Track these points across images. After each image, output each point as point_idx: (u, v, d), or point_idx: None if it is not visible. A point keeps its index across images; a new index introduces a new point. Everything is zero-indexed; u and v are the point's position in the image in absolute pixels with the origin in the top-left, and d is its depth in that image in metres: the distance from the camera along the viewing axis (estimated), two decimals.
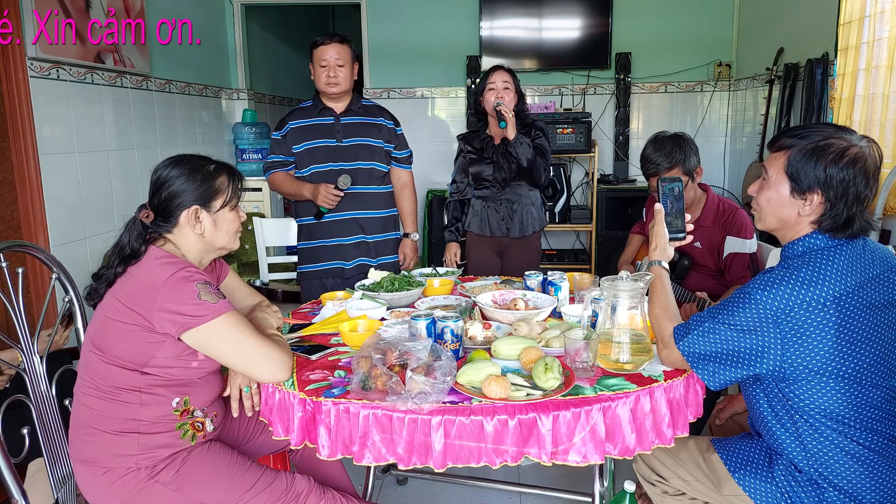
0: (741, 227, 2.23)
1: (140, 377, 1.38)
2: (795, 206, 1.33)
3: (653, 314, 1.48)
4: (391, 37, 4.86)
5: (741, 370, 1.30)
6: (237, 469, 1.44)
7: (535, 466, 2.38)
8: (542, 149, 2.67)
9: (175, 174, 1.46)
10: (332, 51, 2.47)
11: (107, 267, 1.43)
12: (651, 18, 4.70)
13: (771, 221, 1.39)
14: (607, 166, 4.88)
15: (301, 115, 2.60)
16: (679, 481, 1.51)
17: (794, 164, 1.31)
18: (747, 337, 1.27)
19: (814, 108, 3.29)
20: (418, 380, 1.27)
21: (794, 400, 1.30)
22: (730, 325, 1.29)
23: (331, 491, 1.51)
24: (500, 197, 2.72)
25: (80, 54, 3.03)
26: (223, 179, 1.50)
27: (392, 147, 2.66)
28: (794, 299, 1.24)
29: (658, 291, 1.50)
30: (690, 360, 1.34)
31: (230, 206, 1.51)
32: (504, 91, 2.61)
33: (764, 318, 1.25)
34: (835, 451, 1.29)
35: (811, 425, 1.30)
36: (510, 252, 2.78)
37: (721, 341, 1.30)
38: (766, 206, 1.39)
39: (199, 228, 1.47)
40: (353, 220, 2.59)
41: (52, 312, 2.68)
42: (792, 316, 1.24)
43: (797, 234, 1.35)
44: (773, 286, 1.26)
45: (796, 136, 1.33)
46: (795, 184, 1.31)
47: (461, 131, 3.73)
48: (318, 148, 2.56)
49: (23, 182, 2.76)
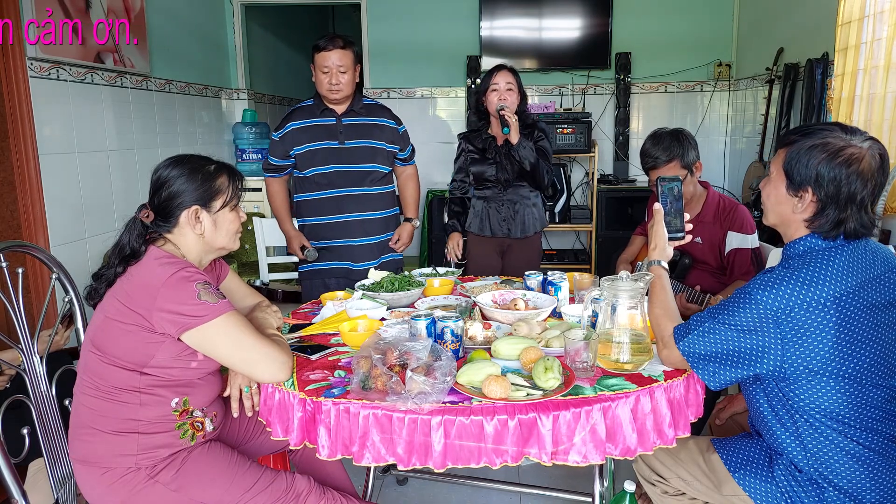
0: (742, 223, 2.23)
1: (139, 377, 1.38)
2: (790, 203, 1.33)
3: (653, 314, 1.48)
4: (391, 37, 4.86)
5: (741, 370, 1.30)
6: (237, 469, 1.44)
7: (535, 466, 2.38)
8: (544, 151, 2.67)
9: (175, 174, 1.46)
10: (334, 57, 2.43)
11: (107, 267, 1.43)
12: (651, 18, 4.70)
13: (772, 217, 1.41)
14: (607, 166, 4.88)
15: (302, 115, 2.57)
16: (679, 481, 1.51)
17: (790, 161, 1.32)
18: (747, 337, 1.27)
19: (814, 109, 3.29)
20: (418, 380, 1.27)
21: (794, 400, 1.30)
22: (730, 326, 1.29)
23: (331, 491, 1.51)
24: (501, 197, 2.72)
25: (80, 54, 3.03)
26: (223, 180, 1.50)
27: (397, 148, 2.65)
28: (795, 299, 1.24)
29: (658, 291, 1.50)
30: (690, 361, 1.34)
31: (230, 206, 1.51)
32: (507, 92, 2.60)
33: (764, 319, 1.25)
34: (835, 450, 1.29)
35: (811, 425, 1.30)
36: (511, 252, 2.78)
37: (721, 341, 1.30)
38: (767, 201, 1.40)
39: (199, 228, 1.47)
40: (359, 221, 2.58)
41: (52, 312, 2.68)
42: (792, 316, 1.24)
43: (795, 232, 1.35)
44: (773, 286, 1.26)
45: (800, 134, 1.33)
46: (790, 181, 1.32)
47: (461, 131, 3.73)
48: (320, 150, 2.53)
49: (23, 182, 2.76)
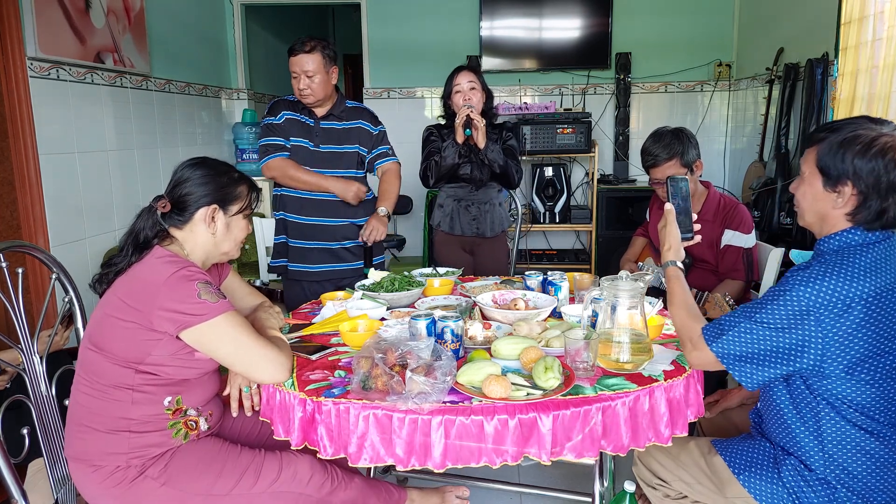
0: (740, 222, 2.24)
1: (134, 375, 1.38)
2: (829, 199, 1.32)
3: (677, 316, 1.46)
4: (391, 37, 4.86)
5: (780, 368, 1.28)
6: (227, 456, 1.45)
7: (535, 466, 2.38)
8: (512, 150, 2.68)
9: (201, 172, 1.50)
10: (301, 61, 2.38)
11: (122, 256, 1.43)
12: (651, 18, 4.70)
13: (809, 217, 1.39)
14: (607, 166, 4.88)
15: (290, 107, 2.55)
16: (681, 484, 1.51)
17: (823, 158, 1.31)
18: (786, 334, 1.26)
19: (814, 108, 3.29)
20: (418, 380, 1.27)
21: (824, 396, 1.29)
22: (767, 325, 1.27)
23: (334, 468, 1.51)
24: (472, 197, 2.72)
25: (80, 54, 3.03)
26: (244, 188, 1.56)
27: (366, 151, 2.58)
28: (836, 294, 1.23)
29: (678, 292, 1.49)
30: (726, 361, 1.32)
31: (244, 214, 1.56)
32: (470, 91, 2.60)
33: (805, 314, 1.24)
34: (854, 451, 1.29)
35: (835, 423, 1.30)
36: (482, 251, 2.81)
37: (758, 340, 1.28)
38: (803, 201, 1.39)
39: (212, 228, 1.49)
40: (322, 226, 2.55)
41: (52, 312, 2.67)
42: (832, 311, 1.23)
43: (833, 228, 1.34)
44: (812, 282, 1.24)
45: (828, 130, 1.33)
46: (826, 177, 1.31)
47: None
48: (297, 147, 2.51)
49: (22, 182, 2.76)
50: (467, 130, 2.51)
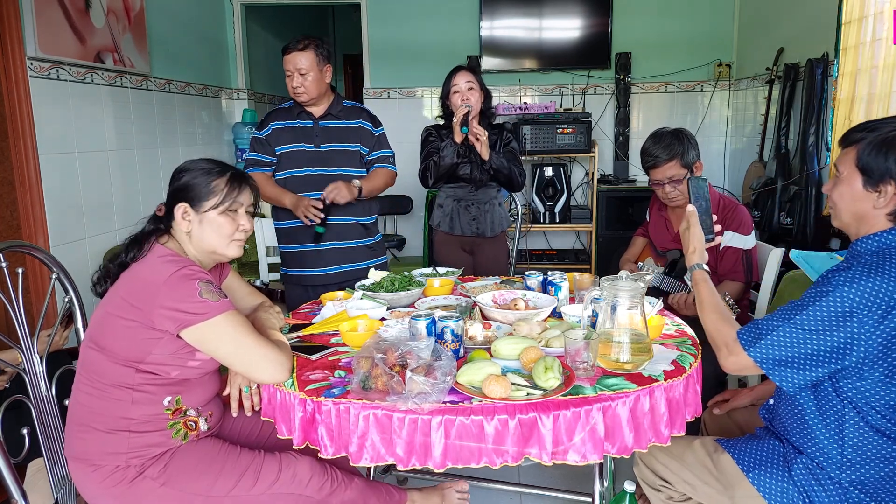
0: (740, 223, 2.23)
1: (135, 374, 1.38)
2: (869, 199, 1.31)
3: (709, 319, 1.44)
4: (391, 37, 4.86)
5: (822, 369, 1.27)
6: (227, 457, 1.45)
7: (535, 466, 2.38)
8: (513, 153, 2.68)
9: (184, 173, 1.51)
10: (294, 59, 2.39)
11: (125, 252, 1.46)
12: (651, 18, 4.70)
13: (846, 217, 1.37)
14: (607, 166, 4.88)
15: (282, 116, 2.54)
16: (685, 485, 1.49)
17: (863, 158, 1.30)
18: (828, 336, 1.24)
19: (814, 109, 3.29)
20: (418, 380, 1.27)
21: (851, 399, 1.28)
22: (808, 329, 1.25)
23: (334, 470, 1.51)
24: (472, 197, 2.72)
25: (80, 54, 3.03)
26: (219, 182, 1.50)
27: (367, 150, 2.58)
28: (880, 295, 1.21)
29: (707, 295, 1.47)
30: (765, 367, 1.30)
31: (220, 209, 1.50)
32: (468, 91, 2.60)
33: (849, 315, 1.22)
34: (874, 456, 1.28)
35: (859, 427, 1.29)
36: (482, 251, 2.81)
37: (799, 344, 1.27)
38: (840, 201, 1.37)
39: (185, 226, 1.49)
40: (354, 225, 2.56)
41: (51, 312, 2.67)
42: (876, 312, 1.21)
43: (872, 228, 1.32)
44: (855, 282, 1.23)
45: (866, 130, 1.32)
46: (867, 177, 1.30)
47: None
48: (297, 152, 2.51)
49: (22, 182, 2.76)
50: (464, 128, 2.51)
